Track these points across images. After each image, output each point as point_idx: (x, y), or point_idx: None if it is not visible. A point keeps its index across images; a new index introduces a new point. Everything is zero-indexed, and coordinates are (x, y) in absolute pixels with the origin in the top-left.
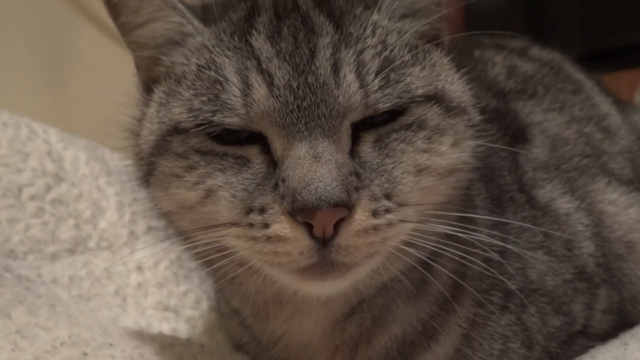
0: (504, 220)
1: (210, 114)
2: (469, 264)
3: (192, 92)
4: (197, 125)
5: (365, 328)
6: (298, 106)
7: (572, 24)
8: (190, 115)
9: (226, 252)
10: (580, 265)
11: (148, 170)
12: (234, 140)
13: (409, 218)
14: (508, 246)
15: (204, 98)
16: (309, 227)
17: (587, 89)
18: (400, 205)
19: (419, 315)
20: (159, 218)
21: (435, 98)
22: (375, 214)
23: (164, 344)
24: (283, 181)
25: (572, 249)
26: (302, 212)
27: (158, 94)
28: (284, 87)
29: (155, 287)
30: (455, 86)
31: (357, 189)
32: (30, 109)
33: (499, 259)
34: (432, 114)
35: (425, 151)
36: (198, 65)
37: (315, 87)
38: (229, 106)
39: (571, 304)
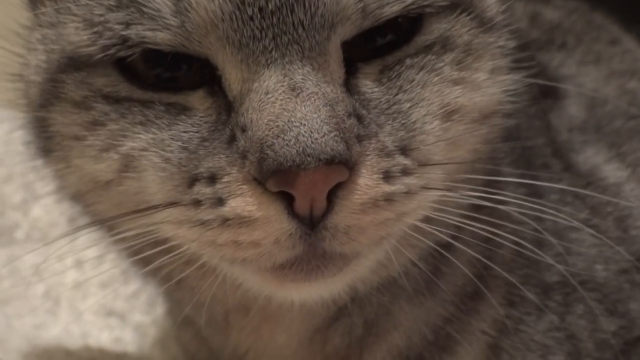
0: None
1: (123, 26)
2: (495, 248)
3: None
4: (104, 49)
5: (355, 338)
6: (261, 10)
7: None
8: (92, 32)
9: (166, 246)
10: (639, 251)
11: (40, 131)
12: (163, 80)
13: (434, 183)
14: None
15: (110, 2)
16: (287, 201)
17: (626, 41)
18: (422, 164)
19: (429, 320)
20: (70, 203)
21: (462, 4)
22: (387, 176)
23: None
24: (243, 130)
25: (628, 229)
26: (275, 177)
27: (47, 11)
28: None
29: (98, 287)
30: None
31: (359, 139)
32: None
33: (532, 246)
34: (460, 28)
35: (455, 82)
36: None
37: None
38: (154, 13)
39: (629, 302)
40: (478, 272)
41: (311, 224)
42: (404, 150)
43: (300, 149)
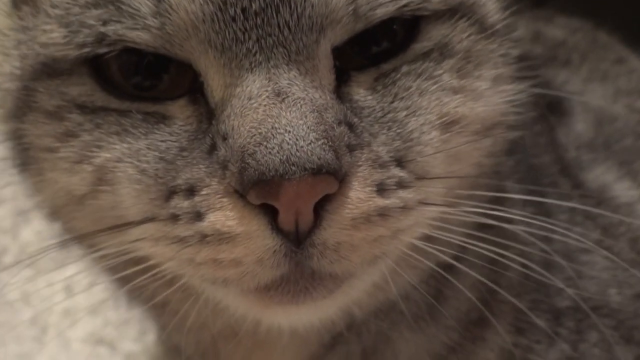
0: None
1: (101, 23)
2: (501, 271)
3: None
4: (79, 47)
5: None
6: (244, 11)
7: None
8: (68, 31)
9: (145, 265)
10: None
11: (16, 144)
12: (142, 89)
13: (433, 198)
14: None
15: (89, 0)
16: (270, 215)
17: (631, 60)
18: (420, 177)
19: (431, 348)
20: (47, 219)
21: (462, 10)
22: (381, 189)
23: None
24: (224, 139)
25: None
26: (257, 188)
27: (22, 14)
28: None
29: (88, 314)
30: None
31: (351, 148)
32: None
33: (541, 268)
34: (459, 34)
35: (455, 91)
36: None
37: None
38: (133, 12)
39: None
40: (483, 297)
41: (297, 240)
42: (400, 162)
43: (284, 157)
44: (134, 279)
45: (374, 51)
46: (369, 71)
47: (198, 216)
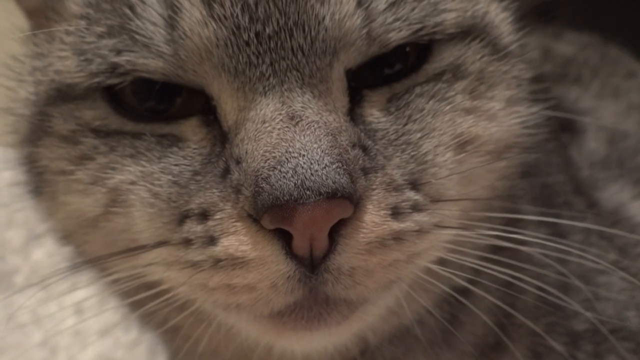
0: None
1: (114, 53)
2: (517, 294)
3: (83, 24)
4: (92, 76)
5: None
6: (257, 35)
7: None
8: (82, 59)
9: (157, 290)
10: None
11: (30, 168)
12: (156, 112)
13: (448, 221)
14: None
15: (101, 29)
16: (285, 240)
17: None
18: (435, 200)
19: None
20: (62, 244)
21: (474, 31)
22: (396, 212)
23: None
24: (238, 162)
25: None
26: (271, 213)
27: (37, 41)
28: (231, 2)
29: (98, 335)
30: (502, 17)
31: (365, 172)
32: None
33: (557, 291)
34: (472, 55)
35: (468, 112)
36: None
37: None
38: (146, 40)
39: None
40: (499, 321)
41: (311, 266)
42: (415, 185)
43: (299, 181)
44: (146, 304)
45: (386, 73)
46: (381, 90)
47: (211, 241)
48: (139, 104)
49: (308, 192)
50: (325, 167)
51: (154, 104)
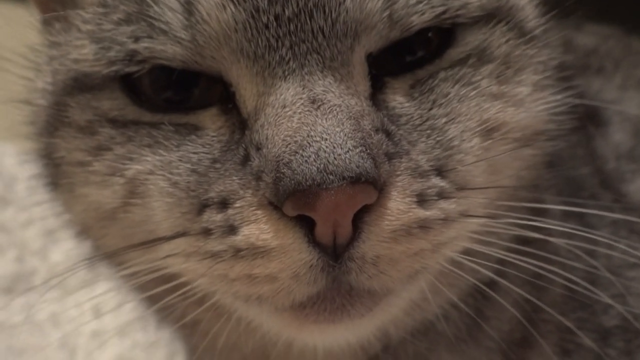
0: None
1: (132, 40)
2: (545, 288)
3: (100, 11)
4: (110, 64)
5: None
6: (277, 17)
7: None
8: (99, 47)
9: (175, 283)
10: None
11: (47, 160)
12: (174, 102)
13: (474, 210)
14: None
15: (119, 16)
16: (307, 227)
17: None
18: (461, 187)
19: None
20: (76, 238)
21: (499, 14)
22: (422, 200)
23: None
24: (258, 149)
25: None
26: (293, 198)
27: (54, 30)
28: None
29: (116, 336)
30: (529, 2)
31: (389, 157)
32: None
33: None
34: (498, 39)
35: (495, 97)
36: None
37: None
38: (164, 27)
39: None
40: (527, 315)
41: (335, 254)
42: (440, 171)
43: (322, 165)
44: (164, 298)
45: (408, 59)
46: (404, 77)
47: (231, 230)
48: (157, 93)
49: (331, 177)
50: (348, 151)
51: (171, 95)
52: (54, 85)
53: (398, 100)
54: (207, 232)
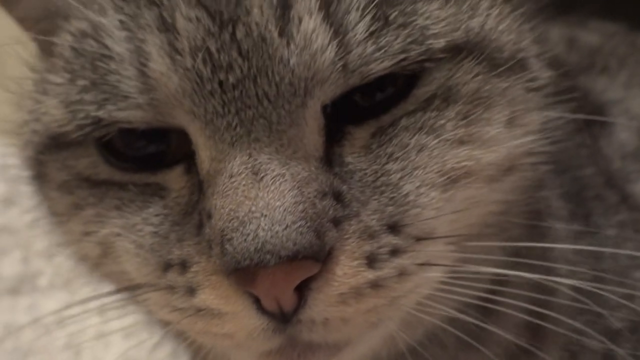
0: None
1: (95, 106)
2: (550, 293)
3: (68, 75)
4: (78, 128)
5: None
6: (221, 84)
7: None
8: (68, 111)
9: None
10: None
11: (41, 201)
12: (145, 162)
13: (436, 259)
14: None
15: (85, 82)
16: (254, 296)
17: None
18: (420, 238)
19: None
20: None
21: (466, 47)
22: (373, 260)
23: None
24: (209, 217)
25: None
26: (235, 275)
27: (33, 90)
28: (192, 51)
29: (121, 336)
30: (506, 25)
31: (337, 222)
32: None
33: (593, 289)
34: (464, 75)
35: (460, 142)
36: (77, 32)
37: (248, 45)
38: (123, 93)
39: None
40: (531, 322)
41: (283, 319)
42: (395, 228)
43: (259, 245)
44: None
45: (370, 104)
46: (368, 124)
47: (191, 291)
48: (130, 152)
49: (268, 256)
50: (286, 228)
51: (143, 154)
52: (33, 143)
53: (355, 154)
54: (171, 289)
